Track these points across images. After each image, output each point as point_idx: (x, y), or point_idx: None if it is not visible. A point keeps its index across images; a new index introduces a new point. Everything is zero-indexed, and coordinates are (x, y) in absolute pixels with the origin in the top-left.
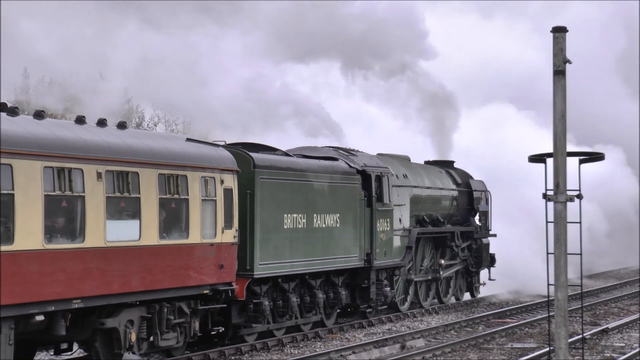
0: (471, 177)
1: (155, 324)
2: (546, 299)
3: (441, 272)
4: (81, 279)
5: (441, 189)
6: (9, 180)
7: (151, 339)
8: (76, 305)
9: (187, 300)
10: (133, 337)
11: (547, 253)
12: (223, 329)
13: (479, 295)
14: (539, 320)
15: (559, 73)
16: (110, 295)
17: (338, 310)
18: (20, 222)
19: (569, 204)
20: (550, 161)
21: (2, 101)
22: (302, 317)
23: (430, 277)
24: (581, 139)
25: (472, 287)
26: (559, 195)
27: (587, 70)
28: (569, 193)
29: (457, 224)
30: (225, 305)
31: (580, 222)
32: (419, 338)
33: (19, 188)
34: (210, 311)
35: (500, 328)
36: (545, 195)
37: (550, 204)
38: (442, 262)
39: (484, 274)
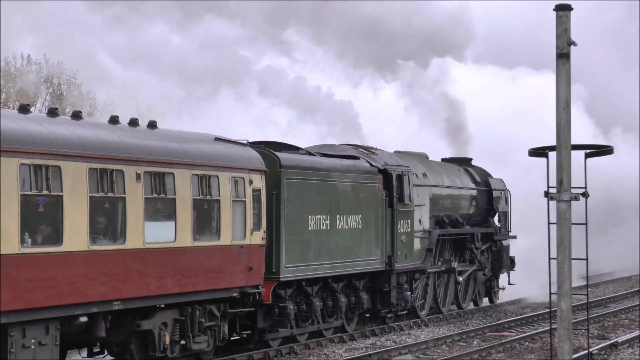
0: (490, 175)
1: (187, 327)
2: (548, 310)
3: (454, 263)
4: (122, 280)
5: (460, 188)
6: (57, 181)
7: (182, 341)
8: (116, 307)
9: (216, 303)
10: (167, 339)
11: (549, 258)
12: (249, 332)
13: (498, 301)
14: (541, 333)
15: (563, 56)
16: (147, 297)
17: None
18: (68, 223)
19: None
20: (552, 155)
21: None
22: (323, 321)
23: (444, 268)
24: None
25: (491, 292)
26: (562, 193)
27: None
28: (573, 191)
29: (476, 225)
30: (253, 308)
31: (586, 224)
32: (406, 354)
33: (67, 189)
34: (238, 315)
35: (497, 342)
36: (547, 194)
37: (553, 203)
38: (460, 279)
39: (503, 278)
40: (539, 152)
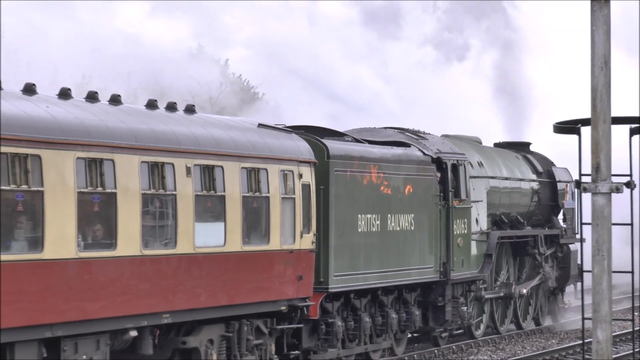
0: (553, 164)
1: (234, 345)
2: (581, 341)
3: (514, 288)
4: (172, 290)
5: (520, 179)
6: (111, 177)
7: None
8: (165, 320)
9: (263, 317)
10: (214, 358)
11: (582, 271)
12: (297, 353)
13: (563, 320)
14: None
15: None
16: (197, 310)
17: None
18: (121, 224)
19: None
20: (586, 131)
21: None
22: (370, 342)
23: (503, 294)
24: None
25: (555, 309)
26: (599, 183)
27: None
28: (615, 180)
29: (538, 225)
30: (302, 325)
31: (632, 224)
32: None
33: (120, 186)
34: (285, 332)
35: None
36: (579, 184)
37: (587, 196)
38: (524, 291)
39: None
40: (568, 126)
